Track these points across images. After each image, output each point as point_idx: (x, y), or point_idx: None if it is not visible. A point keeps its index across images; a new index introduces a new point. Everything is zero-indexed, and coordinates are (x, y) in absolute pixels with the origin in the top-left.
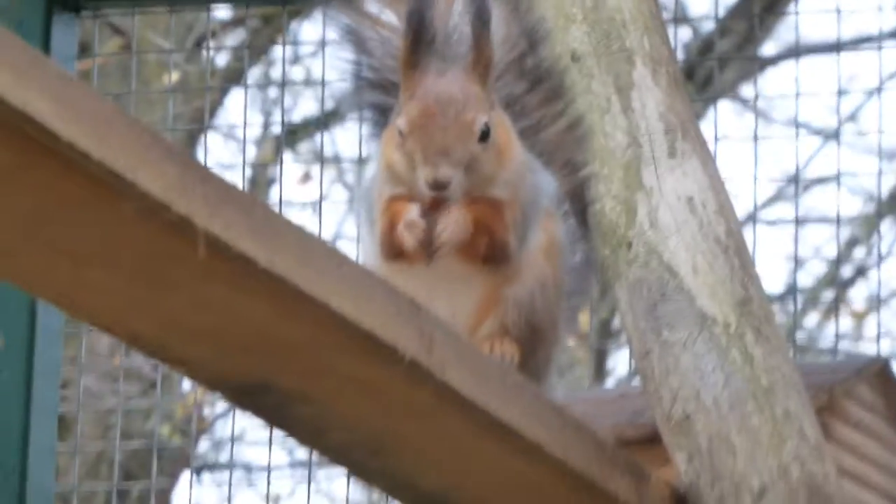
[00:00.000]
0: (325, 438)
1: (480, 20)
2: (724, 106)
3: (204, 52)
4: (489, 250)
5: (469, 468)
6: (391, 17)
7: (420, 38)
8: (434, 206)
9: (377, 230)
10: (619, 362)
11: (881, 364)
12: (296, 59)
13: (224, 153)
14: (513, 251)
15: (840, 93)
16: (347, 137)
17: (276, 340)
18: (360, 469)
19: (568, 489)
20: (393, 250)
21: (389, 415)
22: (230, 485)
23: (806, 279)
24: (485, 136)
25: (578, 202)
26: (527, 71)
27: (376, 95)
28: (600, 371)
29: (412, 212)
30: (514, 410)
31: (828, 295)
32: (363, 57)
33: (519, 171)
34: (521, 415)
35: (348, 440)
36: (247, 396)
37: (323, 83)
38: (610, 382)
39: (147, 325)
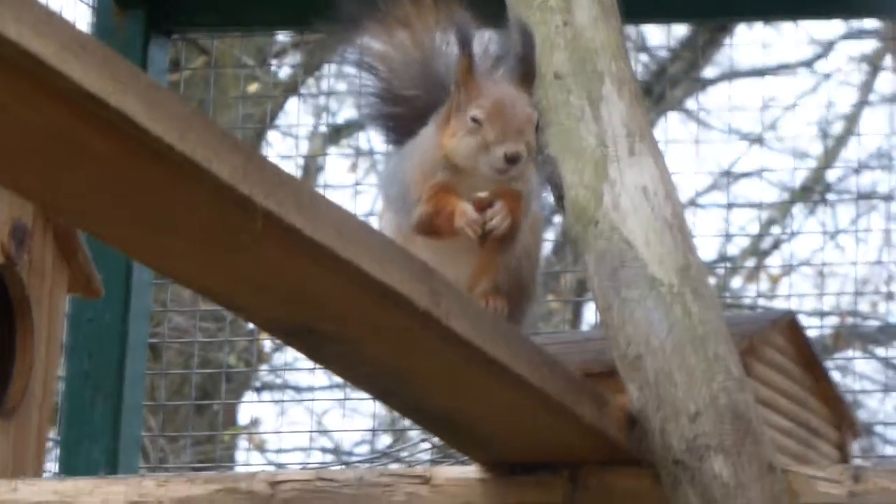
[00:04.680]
0: (355, 371)
1: (528, 42)
2: (673, 116)
3: (270, 68)
4: (509, 233)
5: (468, 395)
6: (389, 46)
7: (473, 54)
8: (479, 206)
9: (418, 210)
10: (588, 313)
11: (791, 317)
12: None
13: (283, 147)
14: (522, 232)
15: (763, 107)
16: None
17: (316, 293)
18: (382, 395)
19: (545, 412)
20: (431, 229)
21: (405, 353)
22: (282, 401)
23: (733, 250)
24: (538, 128)
25: (557, 190)
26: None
27: (388, 107)
28: (576, 319)
29: (470, 210)
30: (504, 350)
31: (750, 263)
32: (374, 80)
33: (531, 168)
34: (509, 354)
35: (373, 372)
36: (293, 336)
37: (359, 93)
38: (584, 328)
39: (215, 281)
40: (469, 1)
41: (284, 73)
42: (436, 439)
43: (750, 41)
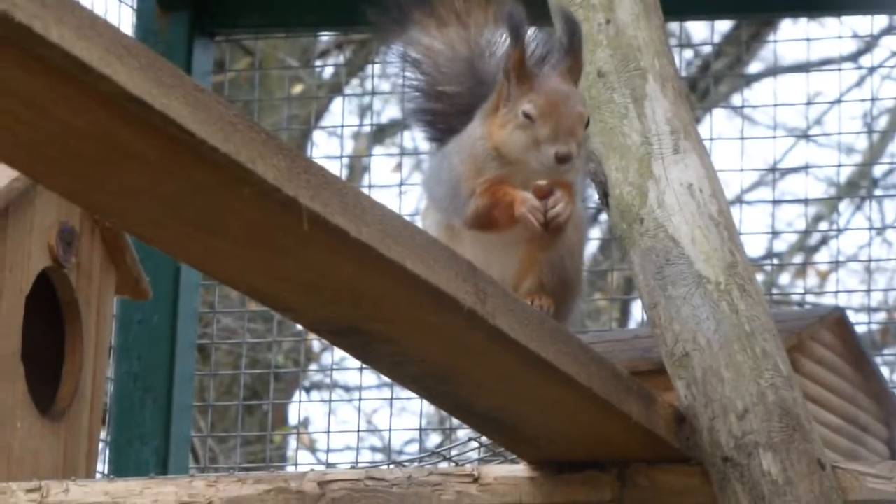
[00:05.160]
0: (402, 370)
1: (574, 34)
2: (718, 112)
3: (314, 68)
4: (561, 225)
5: (514, 394)
6: (437, 41)
7: (525, 46)
8: (540, 194)
9: (474, 203)
10: (636, 311)
11: (839, 314)
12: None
13: (328, 147)
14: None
15: (808, 103)
16: (422, 135)
17: (362, 293)
18: (429, 393)
19: (592, 410)
20: (488, 222)
21: (452, 352)
22: (331, 401)
23: (780, 246)
24: (588, 125)
25: (601, 188)
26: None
27: (430, 103)
28: (624, 317)
29: (531, 198)
30: (550, 349)
31: (798, 259)
32: (418, 74)
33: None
34: (556, 352)
35: (419, 371)
36: (340, 336)
37: (403, 93)
38: (632, 325)
39: (263, 282)
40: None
41: (328, 73)
42: (484, 438)
43: (794, 36)
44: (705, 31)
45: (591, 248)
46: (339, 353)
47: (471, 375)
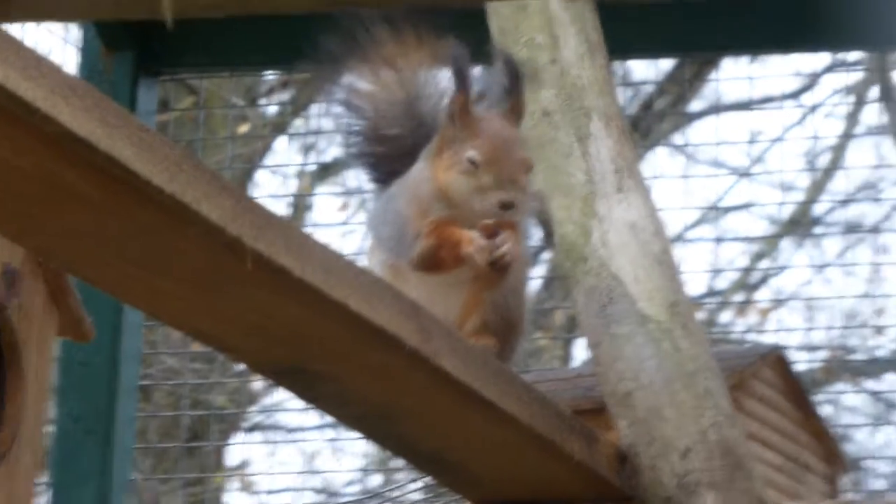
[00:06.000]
0: (345, 410)
1: (517, 76)
2: (660, 151)
3: (258, 107)
4: (506, 266)
5: (458, 433)
6: (374, 86)
7: (470, 89)
8: (487, 233)
9: (420, 245)
10: (578, 350)
11: (779, 352)
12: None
13: (272, 186)
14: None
15: (750, 141)
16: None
17: (306, 334)
18: (372, 433)
19: (535, 449)
20: (434, 262)
21: (395, 392)
22: (273, 442)
23: (722, 284)
24: (531, 171)
25: (546, 227)
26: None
27: (372, 147)
28: (567, 356)
29: (478, 237)
30: (494, 389)
31: (739, 297)
32: (358, 119)
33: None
34: (499, 392)
35: (363, 411)
36: (284, 377)
37: (346, 132)
38: (574, 364)
39: (207, 323)
40: (454, 38)
41: (272, 112)
42: (427, 478)
43: (736, 75)
44: (648, 70)
45: (535, 286)
46: (281, 393)
47: (414, 415)
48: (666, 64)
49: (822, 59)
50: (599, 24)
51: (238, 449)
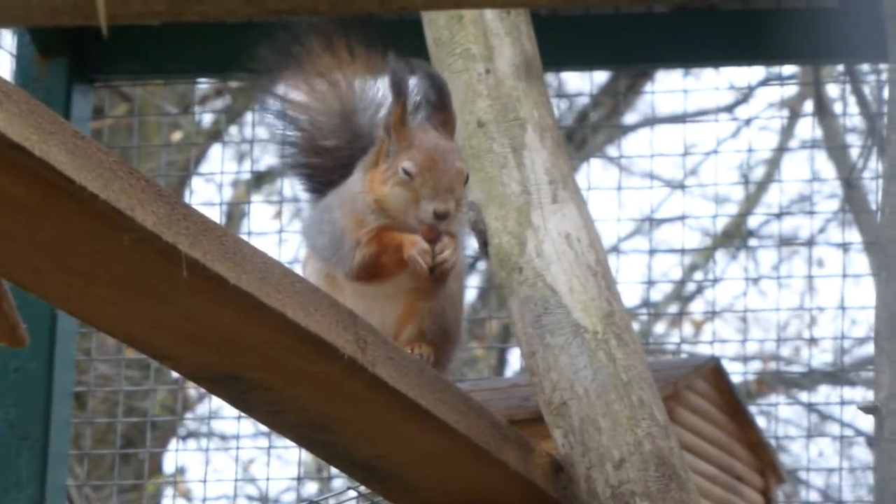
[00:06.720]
0: (280, 418)
1: (442, 90)
2: (595, 162)
3: (192, 115)
4: (447, 271)
5: (394, 442)
6: (309, 98)
7: (407, 102)
8: (429, 236)
9: (360, 253)
10: (513, 359)
11: (714, 363)
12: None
13: (206, 194)
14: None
15: (685, 153)
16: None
17: (242, 342)
18: (308, 442)
19: (471, 458)
20: (375, 270)
21: (331, 400)
22: (207, 450)
23: (656, 296)
24: (466, 181)
25: (481, 237)
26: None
27: (308, 158)
28: (501, 366)
29: (420, 241)
30: (430, 397)
31: (673, 308)
32: (294, 130)
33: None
34: (435, 401)
35: (298, 420)
36: (218, 385)
37: (282, 142)
38: (508, 374)
39: (142, 330)
40: (390, 48)
41: (207, 120)
42: (363, 487)
43: (670, 87)
44: (582, 82)
45: (470, 296)
46: (216, 401)
47: (350, 424)
48: (601, 76)
49: (756, 72)
50: (534, 35)
51: (173, 456)
